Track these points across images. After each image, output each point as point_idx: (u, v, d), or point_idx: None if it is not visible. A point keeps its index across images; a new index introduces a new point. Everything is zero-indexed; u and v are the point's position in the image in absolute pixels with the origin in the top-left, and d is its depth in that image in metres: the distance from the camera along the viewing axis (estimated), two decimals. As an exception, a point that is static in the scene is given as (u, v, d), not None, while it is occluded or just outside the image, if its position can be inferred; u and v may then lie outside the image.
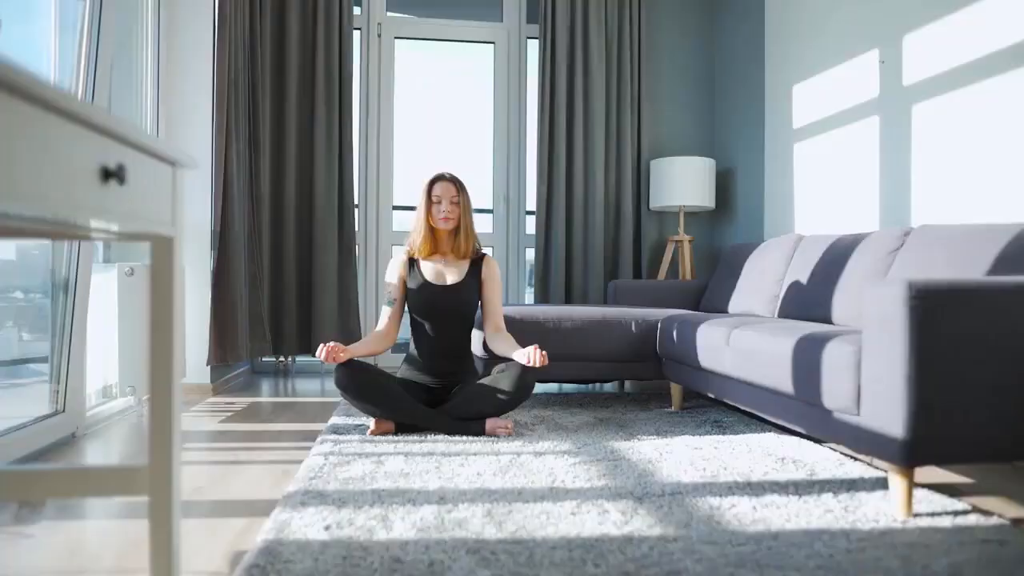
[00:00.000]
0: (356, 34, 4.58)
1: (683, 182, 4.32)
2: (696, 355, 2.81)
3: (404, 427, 2.66)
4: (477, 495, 1.91)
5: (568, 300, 4.51)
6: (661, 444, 2.52)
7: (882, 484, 2.02)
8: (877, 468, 2.20)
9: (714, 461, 2.28)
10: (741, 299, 3.53)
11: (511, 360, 2.69)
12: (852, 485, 2.02)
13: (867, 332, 1.82)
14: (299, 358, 4.50)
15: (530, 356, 2.55)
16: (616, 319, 3.24)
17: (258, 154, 4.09)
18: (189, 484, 2.04)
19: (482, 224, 4.74)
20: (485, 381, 2.67)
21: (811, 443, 2.53)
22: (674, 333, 3.03)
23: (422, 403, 2.71)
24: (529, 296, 4.80)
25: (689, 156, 4.40)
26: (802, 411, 2.15)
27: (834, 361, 1.94)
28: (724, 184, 4.62)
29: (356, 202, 4.57)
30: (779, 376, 2.20)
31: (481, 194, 4.76)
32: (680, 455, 2.36)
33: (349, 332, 4.31)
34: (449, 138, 4.92)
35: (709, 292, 3.89)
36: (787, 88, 3.91)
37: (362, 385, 2.60)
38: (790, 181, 3.89)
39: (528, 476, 2.09)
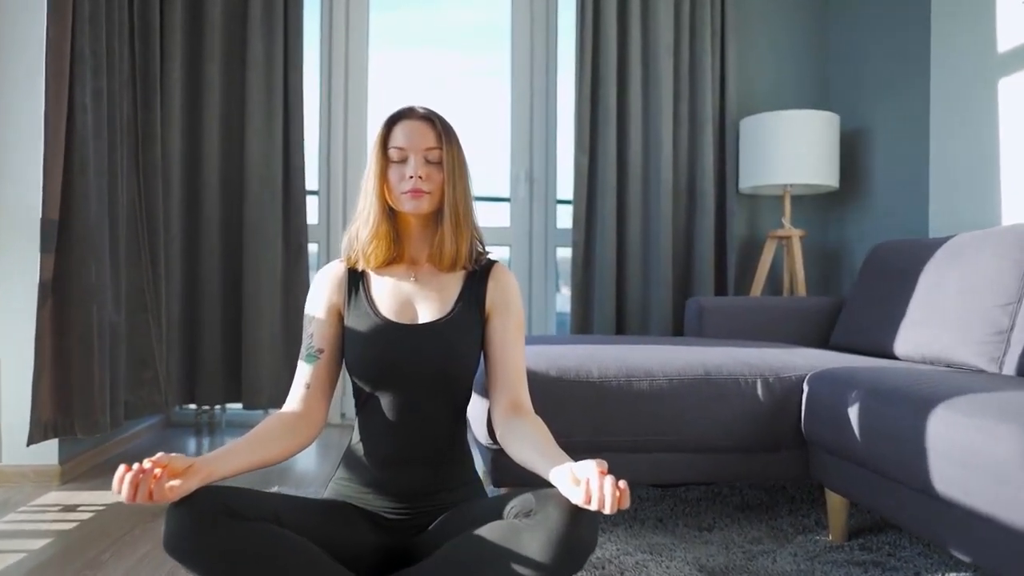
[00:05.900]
0: (315, -59, 3.22)
1: (789, 149, 2.90)
2: (925, 468, 1.38)
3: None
4: None
5: (620, 328, 3.09)
6: None
7: None
8: None
9: None
10: (921, 334, 2.11)
11: (548, 487, 1.27)
12: None
13: None
14: (229, 406, 3.14)
15: (590, 488, 1.11)
16: (728, 376, 1.82)
17: (152, 100, 2.71)
18: None
19: (493, 216, 3.36)
20: (492, 534, 1.24)
21: None
22: (851, 412, 1.60)
23: (371, 558, 1.33)
24: (560, 319, 3.39)
25: (798, 110, 2.96)
26: None
27: None
28: (852, 151, 3.18)
29: (316, 187, 3.22)
30: None
31: (494, 176, 3.38)
32: None
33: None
34: (448, 93, 3.53)
35: (848, 317, 2.46)
36: (979, -7, 2.47)
37: (221, 547, 1.19)
38: (991, 140, 2.44)
39: None
